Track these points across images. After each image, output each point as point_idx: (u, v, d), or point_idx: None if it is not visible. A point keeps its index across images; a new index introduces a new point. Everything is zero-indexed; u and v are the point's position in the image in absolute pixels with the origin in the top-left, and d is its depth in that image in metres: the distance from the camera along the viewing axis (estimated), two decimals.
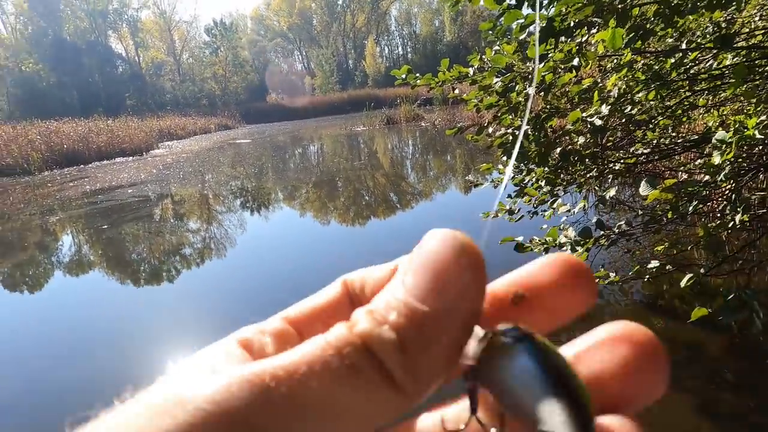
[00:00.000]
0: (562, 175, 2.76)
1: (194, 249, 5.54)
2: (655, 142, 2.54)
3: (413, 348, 0.17)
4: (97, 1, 42.37)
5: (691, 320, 1.32)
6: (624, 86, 1.95)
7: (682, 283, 1.48)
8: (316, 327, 0.21)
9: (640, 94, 1.88)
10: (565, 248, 2.41)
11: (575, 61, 1.65)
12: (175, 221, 6.97)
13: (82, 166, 14.76)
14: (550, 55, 1.81)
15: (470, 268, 0.18)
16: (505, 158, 2.73)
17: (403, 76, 2.87)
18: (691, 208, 1.42)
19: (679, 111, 2.18)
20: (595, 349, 0.19)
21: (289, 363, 0.16)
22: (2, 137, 14.74)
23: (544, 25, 1.62)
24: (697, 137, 2.16)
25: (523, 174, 2.85)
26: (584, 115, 2.19)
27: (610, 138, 2.67)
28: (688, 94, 2.01)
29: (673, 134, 2.38)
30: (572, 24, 1.52)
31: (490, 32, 2.29)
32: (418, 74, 2.84)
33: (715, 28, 1.84)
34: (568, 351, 0.19)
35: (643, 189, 1.41)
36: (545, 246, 2.70)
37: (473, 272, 0.18)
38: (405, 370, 0.16)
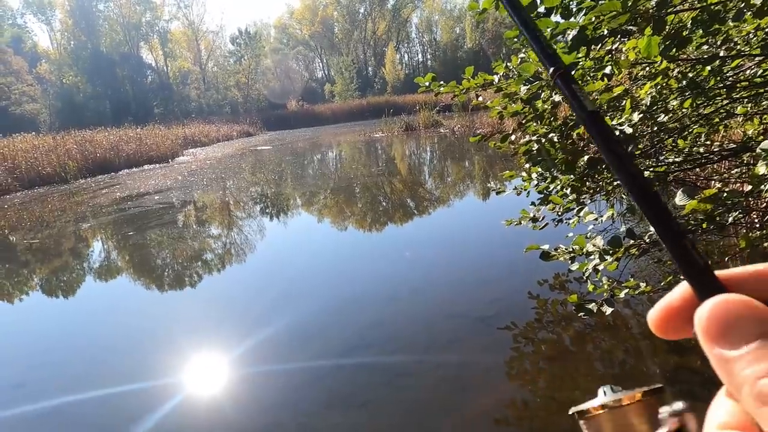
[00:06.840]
0: (588, 183, 2.70)
1: (215, 253, 5.62)
2: (686, 150, 2.46)
3: None
4: (132, 14, 43.78)
5: None
6: (657, 94, 1.90)
7: None
8: None
9: (674, 102, 1.83)
10: (592, 257, 2.36)
11: (607, 69, 1.61)
12: (197, 227, 7.09)
13: (113, 173, 15.18)
14: (580, 63, 1.78)
15: None
16: (528, 165, 2.69)
17: (427, 83, 2.86)
18: (731, 218, 1.37)
19: (716, 119, 2.11)
20: None
21: None
22: (44, 147, 15.28)
23: (575, 32, 1.59)
24: (735, 146, 2.09)
25: (548, 181, 2.80)
26: (613, 123, 2.14)
27: (639, 146, 2.61)
28: (725, 102, 1.94)
29: (707, 143, 2.31)
30: (605, 32, 1.49)
31: (516, 40, 2.27)
32: (442, 81, 2.83)
33: (764, 35, 1.77)
34: None
35: (680, 199, 1.36)
36: (571, 255, 2.64)
37: None
38: None
